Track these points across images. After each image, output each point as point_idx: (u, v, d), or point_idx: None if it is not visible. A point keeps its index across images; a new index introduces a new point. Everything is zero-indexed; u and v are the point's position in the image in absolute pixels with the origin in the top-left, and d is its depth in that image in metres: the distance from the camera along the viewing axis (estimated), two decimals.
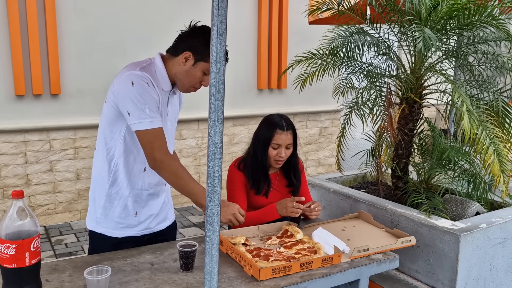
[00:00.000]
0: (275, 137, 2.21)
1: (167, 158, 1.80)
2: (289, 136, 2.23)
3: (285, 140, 2.22)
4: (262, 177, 2.28)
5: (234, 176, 2.29)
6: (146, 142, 1.79)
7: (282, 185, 2.38)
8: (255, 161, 2.26)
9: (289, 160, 2.32)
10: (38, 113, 4.52)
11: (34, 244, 1.38)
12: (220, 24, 1.12)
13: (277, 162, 2.26)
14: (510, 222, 2.23)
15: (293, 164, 2.36)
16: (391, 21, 2.58)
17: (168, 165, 1.80)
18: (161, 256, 1.81)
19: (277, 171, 2.37)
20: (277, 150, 2.22)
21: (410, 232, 2.22)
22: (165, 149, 1.81)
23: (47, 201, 4.70)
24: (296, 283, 1.61)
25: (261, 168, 2.27)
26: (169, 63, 1.90)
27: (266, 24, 5.72)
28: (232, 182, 2.28)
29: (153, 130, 1.78)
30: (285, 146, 2.23)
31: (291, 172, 2.36)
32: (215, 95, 1.14)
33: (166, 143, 1.83)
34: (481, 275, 2.17)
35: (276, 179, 2.37)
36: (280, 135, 2.21)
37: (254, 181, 2.27)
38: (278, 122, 2.23)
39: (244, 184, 2.28)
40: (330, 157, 6.61)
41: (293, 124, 2.29)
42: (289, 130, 2.23)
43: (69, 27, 4.56)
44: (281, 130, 2.21)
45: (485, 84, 2.51)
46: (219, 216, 1.20)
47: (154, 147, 1.78)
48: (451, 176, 2.58)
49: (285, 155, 2.24)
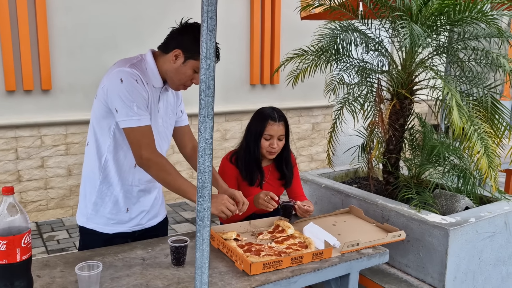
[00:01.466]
0: (267, 128, 2.23)
1: (154, 156, 1.80)
2: (281, 127, 2.25)
3: (277, 131, 2.24)
4: (255, 168, 2.30)
5: (225, 169, 2.30)
6: (133, 140, 1.79)
7: (274, 178, 2.40)
8: (248, 153, 2.28)
9: (281, 152, 2.34)
10: (29, 108, 4.49)
11: (24, 240, 1.37)
12: (210, 20, 1.12)
13: (270, 153, 2.28)
14: (499, 216, 2.26)
15: (285, 157, 2.38)
16: (382, 17, 2.59)
17: (154, 163, 1.80)
18: (152, 252, 1.82)
19: (269, 164, 2.39)
20: (269, 141, 2.25)
21: (400, 226, 2.24)
22: (152, 147, 1.81)
23: (39, 197, 4.68)
24: (287, 277, 1.63)
25: (254, 160, 2.29)
26: (160, 60, 1.90)
27: (258, 19, 5.71)
28: (223, 175, 2.29)
29: (141, 128, 1.78)
30: (277, 137, 2.26)
31: (283, 164, 2.38)
32: (205, 91, 1.15)
33: (153, 141, 1.83)
34: (470, 269, 2.20)
35: (269, 172, 2.38)
36: (272, 126, 2.23)
37: (247, 173, 2.28)
38: (270, 114, 2.26)
39: (235, 177, 2.29)
40: (322, 153, 6.63)
41: (285, 116, 2.31)
42: (281, 122, 2.26)
43: (60, 23, 4.52)
44: (273, 121, 2.24)
45: (474, 80, 2.53)
46: (210, 211, 1.21)
47: (141, 145, 1.78)
48: (441, 171, 2.60)
49: (278, 146, 2.26)
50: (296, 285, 1.65)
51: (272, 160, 2.38)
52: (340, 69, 2.82)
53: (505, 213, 2.29)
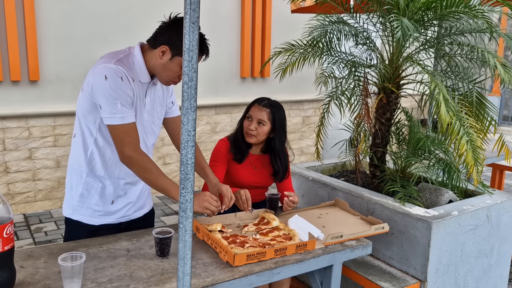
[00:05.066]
0: (251, 109, 2.35)
1: (136, 154, 1.80)
2: (263, 112, 2.31)
3: (257, 114, 2.31)
4: (240, 144, 2.37)
5: (220, 146, 2.39)
6: (116, 137, 1.79)
7: (266, 170, 2.42)
8: (237, 131, 2.41)
9: (270, 143, 2.38)
10: (16, 99, 4.45)
11: (7, 231, 1.37)
12: (192, 12, 1.12)
13: (247, 134, 2.35)
14: (481, 209, 2.30)
15: (275, 151, 2.39)
16: (370, 11, 2.60)
17: (136, 161, 1.80)
18: (137, 243, 1.82)
19: (261, 155, 2.43)
20: (249, 122, 2.34)
21: (384, 219, 2.27)
22: (135, 145, 1.81)
23: (27, 189, 4.65)
24: (270, 268, 1.64)
25: (241, 136, 2.38)
26: (148, 55, 1.88)
27: (249, 12, 5.69)
28: (216, 153, 2.37)
29: (124, 125, 1.78)
30: (257, 120, 2.31)
31: (274, 159, 2.41)
32: (188, 83, 1.15)
33: (137, 139, 1.83)
34: (452, 261, 2.24)
35: (261, 164, 2.42)
36: (255, 108, 2.34)
37: (233, 146, 2.37)
38: (259, 99, 2.38)
39: (228, 155, 2.37)
40: (313, 146, 6.65)
41: (276, 107, 2.35)
42: (266, 108, 2.32)
43: (48, 12, 4.47)
44: (258, 104, 2.34)
45: (460, 75, 2.56)
46: (192, 203, 1.22)
47: (123, 143, 1.78)
48: (426, 165, 2.63)
49: (255, 130, 2.32)
50: (279, 276, 1.67)
51: (264, 152, 2.42)
52: (328, 62, 2.84)
53: (488, 207, 2.33)
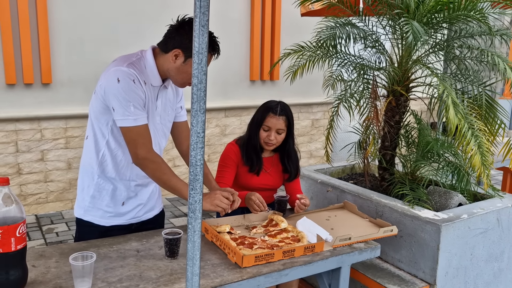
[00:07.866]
0: (266, 119, 2.29)
1: (150, 155, 1.82)
2: (281, 121, 2.29)
3: (276, 124, 2.28)
4: (254, 156, 2.34)
5: (229, 151, 2.35)
6: (130, 139, 1.82)
7: (276, 170, 2.43)
8: (249, 140, 2.35)
9: (283, 146, 2.38)
10: (29, 102, 4.52)
11: (19, 230, 1.40)
12: (202, 16, 1.14)
13: (267, 144, 2.33)
14: (491, 213, 2.28)
15: (287, 151, 2.40)
16: (380, 14, 2.60)
17: (150, 162, 1.82)
18: (147, 244, 1.84)
19: (272, 156, 2.42)
20: (267, 133, 2.30)
21: (393, 222, 2.26)
22: (148, 147, 1.83)
23: (38, 190, 4.71)
24: (278, 270, 1.65)
25: (252, 148, 2.34)
26: (160, 59, 1.90)
27: (259, 14, 5.71)
28: (225, 158, 2.34)
29: (137, 127, 1.80)
30: (276, 131, 2.29)
31: (285, 158, 2.42)
32: (197, 85, 1.17)
33: (150, 141, 1.85)
34: (461, 264, 2.22)
35: (271, 164, 2.41)
36: (272, 118, 2.28)
37: (247, 158, 2.34)
38: (273, 107, 2.31)
39: (237, 159, 2.34)
40: (322, 149, 6.64)
41: (289, 111, 2.34)
42: (282, 116, 2.29)
43: (61, 16, 4.53)
44: (274, 114, 2.29)
45: (470, 78, 2.55)
46: (201, 204, 1.23)
47: (137, 145, 1.81)
48: (436, 168, 2.62)
49: (275, 139, 2.30)
50: (287, 278, 1.68)
51: (274, 152, 2.42)
52: (338, 65, 2.84)
53: (498, 210, 2.31)
